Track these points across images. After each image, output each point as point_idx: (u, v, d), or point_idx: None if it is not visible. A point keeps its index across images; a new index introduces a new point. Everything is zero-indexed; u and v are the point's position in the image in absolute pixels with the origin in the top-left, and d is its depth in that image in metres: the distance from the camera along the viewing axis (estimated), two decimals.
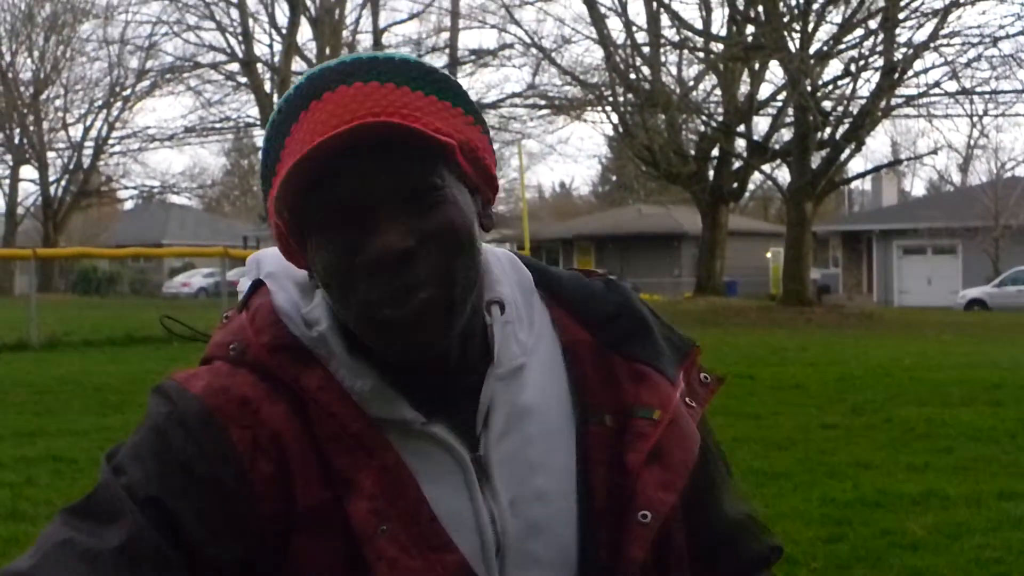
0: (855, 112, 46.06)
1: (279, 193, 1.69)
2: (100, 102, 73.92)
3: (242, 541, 1.72)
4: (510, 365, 1.86)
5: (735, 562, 2.03)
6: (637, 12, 50.07)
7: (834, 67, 49.94)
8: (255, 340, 1.83)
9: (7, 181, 77.80)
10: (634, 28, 49.44)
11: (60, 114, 76.27)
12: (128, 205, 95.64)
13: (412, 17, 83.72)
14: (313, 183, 1.68)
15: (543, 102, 57.48)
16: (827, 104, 46.96)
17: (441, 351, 1.77)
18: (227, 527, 1.72)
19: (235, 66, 63.00)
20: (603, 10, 49.13)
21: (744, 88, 51.37)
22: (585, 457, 1.87)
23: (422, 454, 1.79)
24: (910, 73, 45.66)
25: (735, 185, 52.93)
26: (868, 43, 46.14)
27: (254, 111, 64.19)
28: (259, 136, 74.84)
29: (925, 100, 47.51)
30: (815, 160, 46.54)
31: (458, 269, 1.73)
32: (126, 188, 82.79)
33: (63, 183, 76.14)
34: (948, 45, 44.79)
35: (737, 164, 52.06)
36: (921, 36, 44.97)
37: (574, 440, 1.88)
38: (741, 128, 51.20)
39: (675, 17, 50.13)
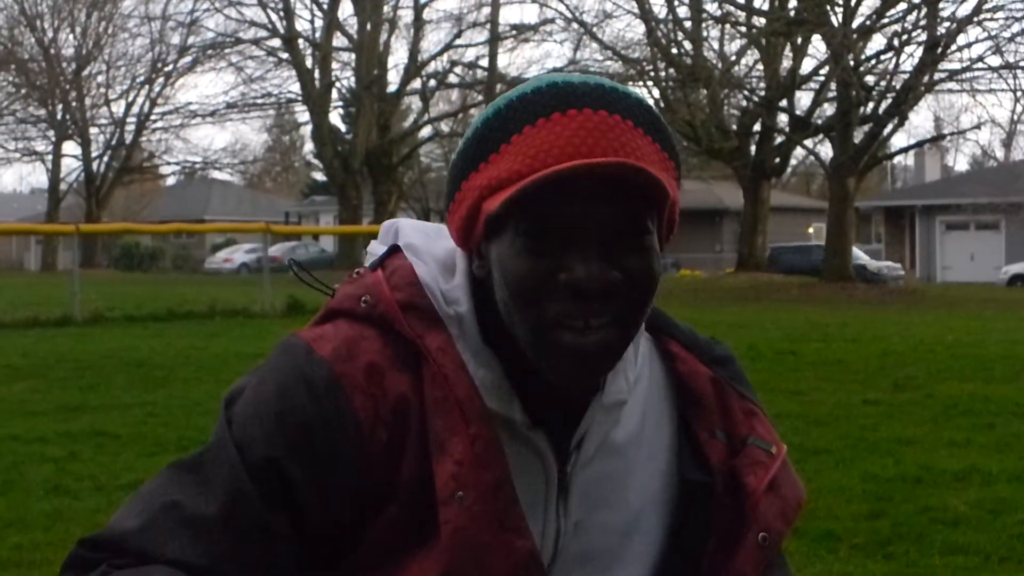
0: (898, 87, 45.81)
1: (512, 194, 1.71)
2: (142, 78, 74.24)
3: (348, 507, 1.77)
4: (615, 398, 1.90)
5: None
6: None
7: (877, 42, 49.64)
8: (390, 295, 1.85)
9: (50, 157, 78.28)
10: (676, 3, 49.23)
11: (102, 90, 76.62)
12: (170, 181, 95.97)
13: None
14: (542, 196, 1.71)
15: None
16: (870, 79, 46.76)
17: (593, 386, 1.83)
18: (337, 493, 1.77)
19: (276, 42, 63.07)
20: None
21: (786, 63, 51.16)
22: (706, 467, 1.95)
23: (516, 453, 1.83)
24: (953, 48, 45.40)
25: (777, 160, 52.73)
26: (911, 17, 45.91)
27: (295, 87, 64.41)
28: (300, 112, 75.01)
29: (968, 75, 47.15)
30: (858, 135, 46.36)
31: (641, 314, 1.80)
32: (168, 164, 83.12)
33: (105, 159, 76.46)
34: (992, 19, 44.51)
35: (779, 139, 51.84)
36: (964, 10, 44.75)
37: (660, 472, 1.96)
38: (783, 103, 50.98)
39: None
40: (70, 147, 78.60)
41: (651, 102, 1.86)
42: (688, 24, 49.88)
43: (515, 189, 1.70)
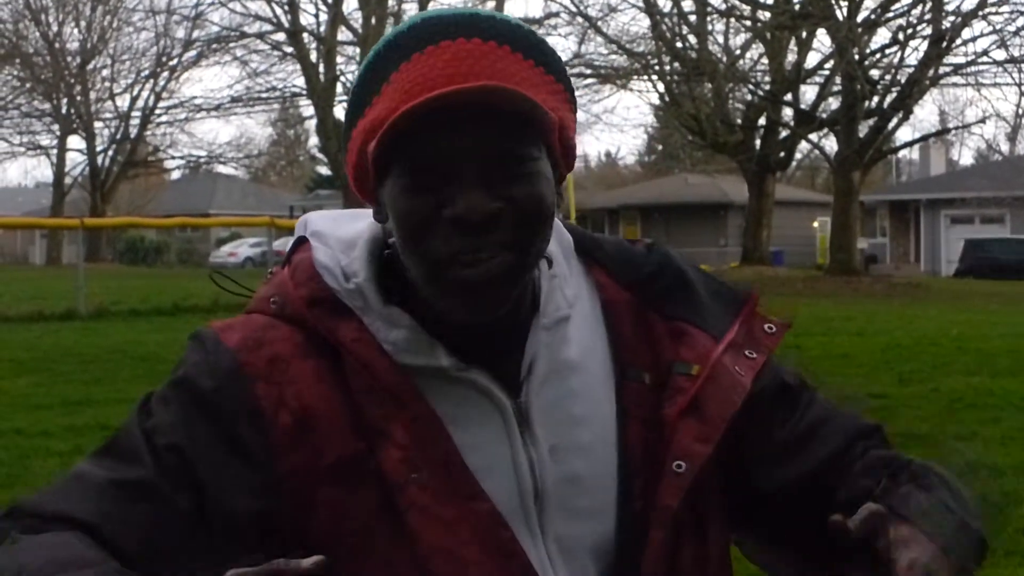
0: (903, 81, 45.83)
1: (381, 134, 1.71)
2: (147, 72, 74.15)
3: (258, 496, 1.76)
4: (555, 316, 1.89)
5: (830, 446, 2.01)
6: None
7: (882, 35, 49.92)
8: (294, 294, 1.87)
9: (55, 151, 78.25)
10: None
11: (107, 84, 76.58)
12: (175, 175, 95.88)
13: None
14: (417, 127, 1.70)
15: (589, 71, 57.26)
16: (875, 73, 46.77)
17: (500, 314, 1.79)
18: (243, 481, 1.76)
19: (281, 36, 62.99)
20: None
21: (791, 57, 51.20)
22: (623, 412, 1.90)
23: (460, 400, 1.82)
24: (958, 41, 45.39)
25: (782, 154, 52.76)
26: (916, 11, 45.95)
27: (300, 81, 64.23)
28: (305, 106, 75.04)
29: (973, 69, 47.17)
30: (862, 129, 46.38)
31: (535, 240, 1.77)
32: (173, 158, 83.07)
33: (110, 153, 76.45)
34: (997, 13, 44.51)
35: (784, 133, 51.87)
36: (969, 4, 44.58)
37: (614, 396, 1.91)
38: (788, 97, 51.05)
39: None
40: (75, 141, 78.67)
41: (531, 27, 1.83)
42: (693, 18, 49.86)
43: (384, 128, 1.70)
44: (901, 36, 46.04)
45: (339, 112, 65.89)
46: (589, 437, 1.87)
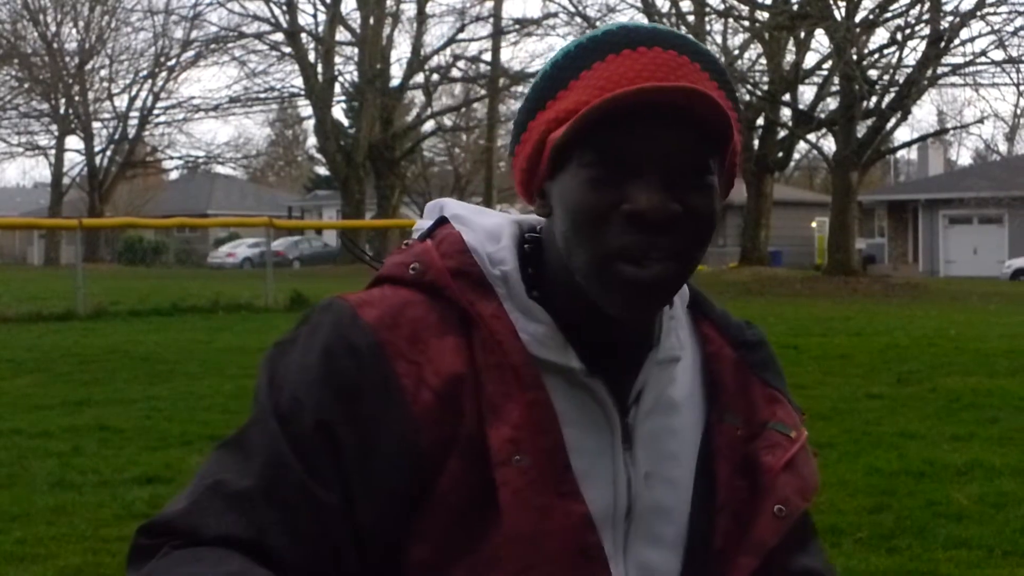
0: (901, 81, 45.83)
1: (575, 120, 1.72)
2: (145, 72, 74.15)
3: (400, 473, 1.77)
4: (668, 354, 1.93)
5: None
6: None
7: (880, 36, 49.78)
8: (440, 263, 1.87)
9: (53, 151, 78.18)
10: None
11: (105, 84, 76.56)
12: (173, 175, 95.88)
13: None
14: (605, 124, 1.72)
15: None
16: (873, 73, 46.74)
17: (649, 321, 1.87)
18: (386, 459, 1.76)
19: (279, 36, 63.03)
20: None
21: (789, 57, 51.20)
22: (713, 452, 1.96)
23: (578, 402, 1.84)
24: (956, 42, 45.42)
25: (780, 154, 52.76)
26: (914, 12, 45.95)
27: (298, 81, 64.31)
28: (303, 106, 75.04)
29: (971, 69, 47.18)
30: (861, 129, 46.34)
31: (700, 252, 1.81)
32: (171, 158, 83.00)
33: (108, 153, 76.38)
34: (995, 13, 44.52)
35: (782, 133, 51.86)
36: (967, 4, 44.69)
37: (699, 441, 1.97)
38: (786, 97, 51.05)
39: None
40: (73, 141, 78.61)
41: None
42: (691, 18, 49.85)
43: (581, 112, 1.72)
44: (899, 36, 46.06)
45: (337, 112, 66.10)
46: (677, 474, 1.92)
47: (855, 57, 44.11)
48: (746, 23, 50.72)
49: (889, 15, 46.29)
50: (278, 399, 1.79)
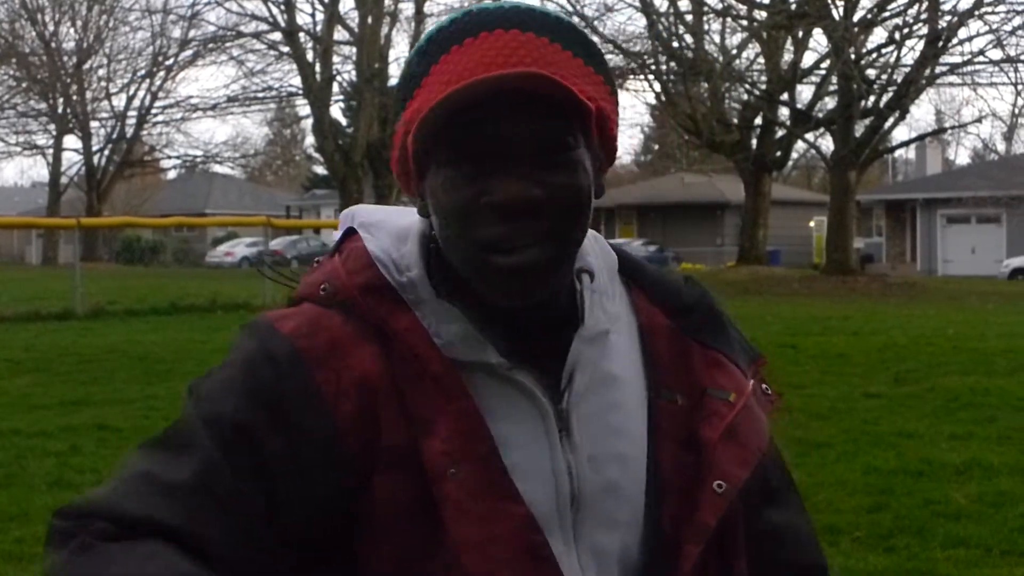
0: (899, 80, 45.84)
1: (423, 117, 1.72)
2: (143, 72, 74.11)
3: (323, 479, 1.76)
4: (596, 329, 1.90)
5: (779, 567, 2.04)
6: None
7: (878, 35, 49.74)
8: (347, 281, 1.87)
9: (51, 151, 78.21)
10: None
11: (103, 84, 76.54)
12: (171, 175, 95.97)
13: None
14: (457, 116, 1.71)
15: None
16: (871, 72, 46.76)
17: (541, 300, 1.81)
18: (309, 465, 1.76)
19: (277, 36, 62.94)
20: None
21: (788, 56, 51.18)
22: (655, 430, 1.92)
23: (505, 399, 1.83)
24: (954, 41, 45.38)
25: (778, 154, 52.76)
26: (912, 11, 45.94)
27: (296, 81, 64.18)
28: (301, 106, 75.06)
29: (969, 68, 47.17)
30: (859, 129, 46.35)
31: (573, 229, 1.78)
32: (169, 158, 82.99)
33: (106, 153, 76.40)
34: (993, 13, 44.50)
35: (780, 133, 51.85)
36: (965, 4, 44.54)
37: (646, 414, 1.93)
38: (784, 96, 51.02)
39: None
40: (71, 141, 78.61)
41: (576, 21, 1.85)
42: (689, 17, 49.86)
43: (422, 115, 1.72)
44: (897, 36, 46.07)
45: (335, 112, 66.08)
46: (626, 449, 1.89)
47: (853, 56, 44.10)
48: (744, 22, 50.72)
49: (887, 14, 46.30)
50: (202, 409, 1.80)
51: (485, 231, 1.73)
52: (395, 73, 64.21)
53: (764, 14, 48.49)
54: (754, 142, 51.78)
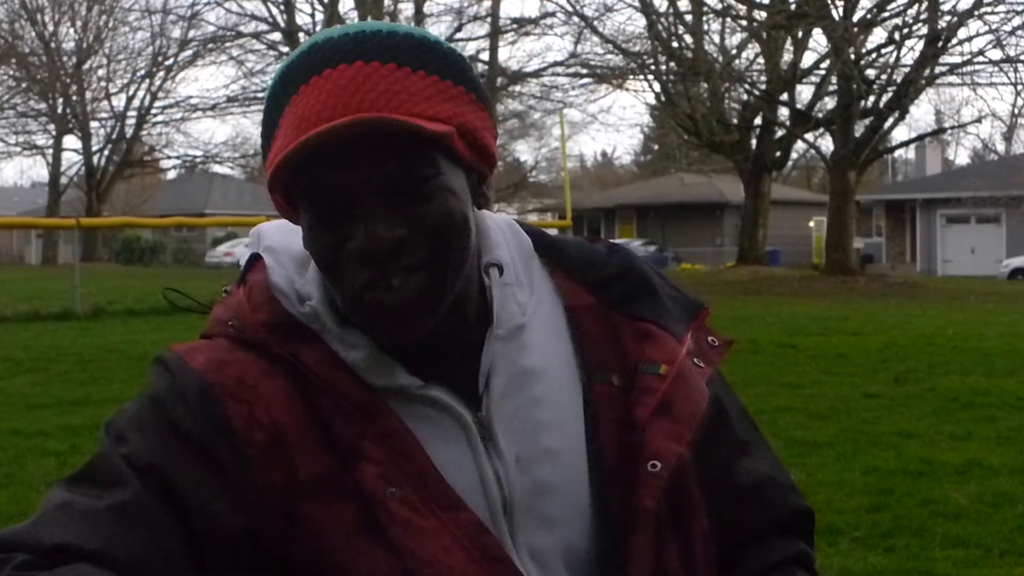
0: (899, 81, 45.85)
1: (271, 174, 1.73)
2: (143, 72, 74.11)
3: (241, 512, 1.74)
4: (509, 325, 1.87)
5: (761, 519, 2.02)
6: None
7: (878, 35, 49.78)
8: (252, 318, 1.86)
9: (50, 151, 78.25)
10: None
11: (103, 84, 76.53)
12: (171, 175, 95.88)
13: None
14: (304, 169, 1.70)
15: (585, 71, 57.32)
16: (871, 72, 46.74)
17: (426, 333, 1.77)
18: (225, 498, 1.74)
19: (277, 36, 63.00)
20: None
21: (787, 56, 51.16)
22: (593, 416, 1.89)
23: (424, 418, 1.81)
24: (954, 41, 45.36)
25: (778, 154, 52.79)
26: (912, 11, 45.94)
27: None
28: None
29: (969, 68, 47.13)
30: (858, 129, 46.38)
31: (450, 253, 1.75)
32: (169, 158, 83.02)
33: (106, 153, 76.45)
34: (992, 13, 44.47)
35: (780, 133, 51.88)
36: (965, 4, 44.57)
37: (581, 401, 1.90)
38: (784, 97, 51.02)
39: None
40: (71, 141, 78.64)
41: (426, 32, 1.81)
42: (689, 17, 49.89)
43: (271, 170, 1.72)
44: (897, 36, 46.05)
45: None
46: (556, 443, 1.85)
47: (853, 56, 44.10)
48: (744, 22, 50.70)
49: (887, 14, 46.30)
50: (118, 447, 1.78)
51: (356, 275, 1.72)
52: None
53: (764, 14, 48.47)
54: (754, 142, 51.83)
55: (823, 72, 50.37)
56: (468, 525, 1.76)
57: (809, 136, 52.45)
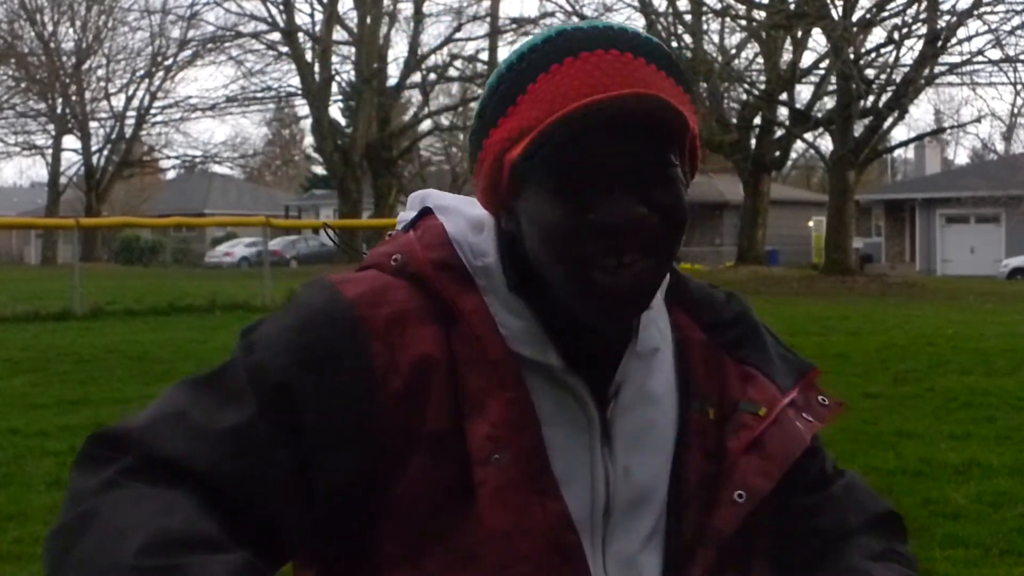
0: (898, 80, 45.91)
1: (530, 140, 1.73)
2: (142, 72, 74.25)
3: (359, 451, 1.75)
4: (649, 346, 1.93)
5: (852, 519, 2.04)
6: None
7: (877, 35, 49.97)
8: (422, 254, 1.87)
9: (50, 151, 78.32)
10: None
11: (102, 84, 76.66)
12: (170, 175, 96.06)
13: None
14: (560, 138, 1.71)
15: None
16: (870, 72, 46.81)
17: (631, 329, 1.85)
18: (346, 434, 1.75)
19: (276, 36, 63.04)
20: None
21: (787, 56, 51.21)
22: (684, 441, 1.94)
23: (556, 400, 1.84)
24: (953, 41, 45.45)
25: (777, 154, 52.79)
26: (911, 11, 46.01)
27: (295, 80, 64.34)
28: (300, 106, 75.12)
29: (968, 68, 47.23)
30: (858, 128, 46.41)
31: (674, 246, 1.79)
32: (168, 158, 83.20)
33: (105, 153, 76.47)
34: (992, 12, 44.59)
35: (779, 133, 51.89)
36: (964, 4, 44.72)
37: (675, 427, 1.95)
38: (783, 96, 51.04)
39: None
40: (70, 141, 78.86)
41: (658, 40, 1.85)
42: (688, 17, 49.92)
43: (534, 134, 1.72)
44: (896, 35, 46.12)
45: (334, 112, 66.12)
46: (656, 466, 1.91)
47: (852, 56, 44.15)
48: (743, 22, 50.77)
49: (886, 14, 46.35)
50: (250, 358, 1.78)
51: (588, 248, 1.72)
52: (394, 73, 64.35)
53: (763, 14, 48.51)
54: (753, 142, 51.83)
55: (822, 72, 50.44)
56: (556, 516, 1.79)
57: (808, 136, 52.53)
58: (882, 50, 47.57)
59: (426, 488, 1.77)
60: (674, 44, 49.20)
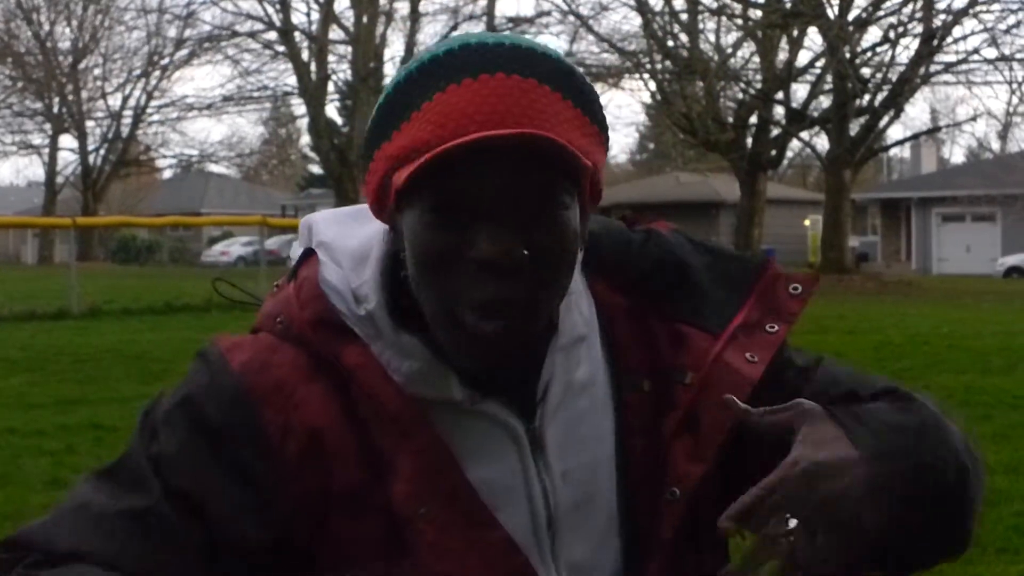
0: (894, 79, 45.89)
1: (414, 168, 1.64)
2: (138, 71, 74.12)
3: (270, 522, 1.72)
4: (572, 335, 1.83)
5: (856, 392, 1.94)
6: None
7: (873, 34, 49.95)
8: (299, 314, 1.81)
9: (46, 150, 78.28)
10: None
11: (99, 83, 76.57)
12: (167, 174, 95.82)
13: None
14: (445, 164, 1.62)
15: (580, 69, 57.26)
16: (866, 71, 46.82)
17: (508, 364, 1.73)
18: (252, 509, 1.71)
19: (273, 35, 62.92)
20: None
21: (782, 55, 51.18)
22: (624, 426, 1.85)
23: (474, 431, 1.77)
24: (949, 40, 45.52)
25: (773, 153, 52.72)
26: (907, 10, 46.02)
27: (292, 80, 64.16)
28: (297, 105, 75.07)
29: (964, 67, 47.32)
30: (854, 127, 46.42)
31: (557, 287, 1.71)
32: (165, 157, 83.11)
33: (102, 152, 76.39)
34: (987, 11, 44.62)
35: (775, 132, 51.80)
36: (960, 2, 44.64)
37: (612, 409, 1.86)
38: (779, 95, 50.99)
39: None
40: (67, 140, 78.60)
41: (570, 62, 1.76)
42: (684, 16, 49.84)
43: (418, 163, 1.62)
44: (892, 34, 46.12)
45: (331, 111, 66.03)
46: (593, 457, 1.82)
47: (848, 55, 44.19)
48: (739, 21, 50.73)
49: (882, 13, 46.36)
50: (149, 444, 1.76)
51: (463, 286, 1.65)
52: (390, 72, 64.31)
53: (759, 13, 48.48)
54: (749, 141, 51.74)
55: (818, 71, 50.35)
56: (499, 544, 1.74)
57: (804, 135, 52.44)
58: (878, 49, 47.58)
59: (354, 546, 1.74)
60: (670, 43, 49.23)
